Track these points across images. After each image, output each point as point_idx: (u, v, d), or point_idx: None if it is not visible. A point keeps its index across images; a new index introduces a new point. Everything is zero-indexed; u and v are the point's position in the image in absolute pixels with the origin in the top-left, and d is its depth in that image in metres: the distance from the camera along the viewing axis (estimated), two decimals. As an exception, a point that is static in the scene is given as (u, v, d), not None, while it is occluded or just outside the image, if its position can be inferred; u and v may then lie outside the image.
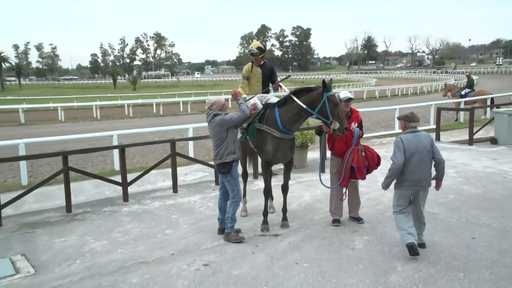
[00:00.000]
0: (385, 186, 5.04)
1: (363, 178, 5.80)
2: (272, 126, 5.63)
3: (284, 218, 6.06)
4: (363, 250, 5.12)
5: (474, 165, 9.45)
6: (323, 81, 5.40)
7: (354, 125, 5.79)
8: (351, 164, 5.62)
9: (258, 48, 6.52)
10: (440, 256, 4.87)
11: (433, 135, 13.58)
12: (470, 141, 12.31)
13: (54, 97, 36.97)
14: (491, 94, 18.99)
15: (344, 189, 5.94)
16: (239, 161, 5.73)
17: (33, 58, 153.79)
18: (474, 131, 12.62)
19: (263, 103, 6.12)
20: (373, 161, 5.80)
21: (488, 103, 18.00)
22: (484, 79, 52.90)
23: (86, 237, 5.87)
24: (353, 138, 5.72)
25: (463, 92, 18.86)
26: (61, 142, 14.02)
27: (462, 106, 18.03)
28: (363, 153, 5.76)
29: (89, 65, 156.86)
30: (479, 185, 7.82)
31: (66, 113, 26.28)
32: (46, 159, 11.41)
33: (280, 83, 6.59)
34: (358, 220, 6.03)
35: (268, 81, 6.69)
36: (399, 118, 5.25)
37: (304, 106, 5.43)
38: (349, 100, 5.80)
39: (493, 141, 12.28)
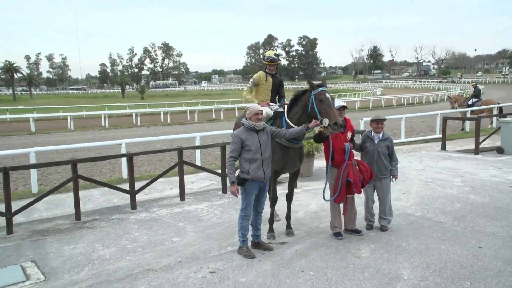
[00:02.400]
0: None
1: (360, 192, 5.75)
2: None
3: (289, 226, 6.07)
4: (369, 258, 5.11)
5: (480, 174, 9.40)
6: (308, 80, 5.38)
7: (349, 134, 5.74)
8: (347, 178, 5.52)
9: (275, 55, 6.59)
10: (446, 265, 4.85)
11: (439, 144, 13.58)
12: (476, 151, 12.23)
13: (64, 106, 37.36)
14: (498, 103, 18.79)
15: (341, 204, 5.87)
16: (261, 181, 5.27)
17: (44, 68, 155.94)
18: (480, 140, 12.54)
19: (273, 110, 6.15)
20: (367, 175, 5.71)
21: (495, 112, 17.85)
22: (490, 89, 52.65)
23: (95, 244, 5.91)
24: (345, 152, 5.60)
25: (470, 102, 18.74)
26: (70, 150, 14.20)
27: (468, 115, 17.89)
28: (357, 167, 5.68)
29: (98, 75, 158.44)
30: (486, 194, 7.78)
31: (75, 122, 26.51)
32: (56, 167, 11.52)
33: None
34: (357, 232, 5.92)
35: (276, 92, 6.71)
36: (384, 120, 6.00)
37: (286, 118, 5.59)
38: (342, 108, 5.66)
39: (499, 150, 12.19)
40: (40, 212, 7.75)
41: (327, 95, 5.22)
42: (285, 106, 5.95)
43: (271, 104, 6.41)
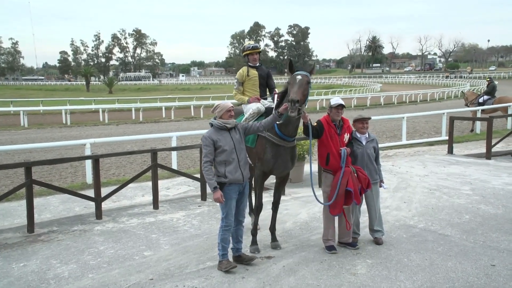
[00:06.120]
0: None
1: (359, 202, 5.79)
2: (271, 131, 5.73)
3: (274, 239, 6.08)
4: (366, 276, 5.13)
5: (493, 181, 9.54)
6: (289, 63, 5.59)
7: (346, 136, 5.81)
8: (347, 188, 5.54)
9: (254, 45, 6.68)
10: (454, 285, 4.88)
11: (445, 147, 13.76)
12: (488, 155, 12.38)
13: (16, 100, 36.74)
14: None
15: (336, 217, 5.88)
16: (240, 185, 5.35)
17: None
18: (493, 143, 12.64)
19: (266, 106, 6.23)
20: (365, 184, 5.74)
21: (510, 111, 17.95)
22: (505, 85, 53.33)
23: (51, 261, 5.79)
24: (341, 158, 5.63)
25: (481, 100, 18.90)
26: (23, 151, 13.95)
27: (479, 114, 18.07)
28: (356, 175, 5.70)
29: (58, 64, 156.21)
30: (499, 204, 7.88)
31: (30, 118, 26.10)
32: (5, 170, 11.27)
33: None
34: (353, 245, 5.95)
35: (265, 86, 6.76)
36: (369, 119, 6.03)
37: (271, 100, 5.69)
38: (340, 106, 5.71)
39: (514, 154, 12.33)
40: (-15, 223, 7.58)
41: (297, 76, 5.38)
42: (275, 98, 6.00)
43: (262, 100, 6.47)
